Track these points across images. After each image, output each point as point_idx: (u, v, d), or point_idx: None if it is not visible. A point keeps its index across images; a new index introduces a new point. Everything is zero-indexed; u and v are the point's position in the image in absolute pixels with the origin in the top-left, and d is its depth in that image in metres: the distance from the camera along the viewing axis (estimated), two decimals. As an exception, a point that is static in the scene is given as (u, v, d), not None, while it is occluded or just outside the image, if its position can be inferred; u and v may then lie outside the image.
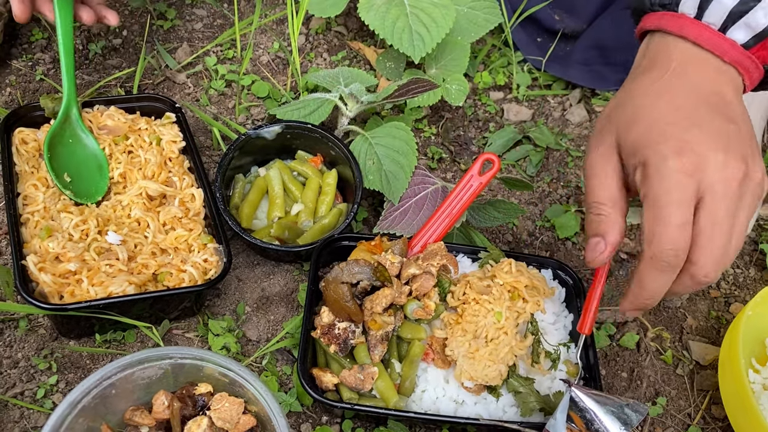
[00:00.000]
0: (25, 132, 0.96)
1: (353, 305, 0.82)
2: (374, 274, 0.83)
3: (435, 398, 0.83)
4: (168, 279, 0.86)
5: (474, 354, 0.81)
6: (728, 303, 1.03)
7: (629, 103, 0.71)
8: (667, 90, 0.70)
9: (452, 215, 0.92)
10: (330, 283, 0.83)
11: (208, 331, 0.91)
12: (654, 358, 0.96)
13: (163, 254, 0.90)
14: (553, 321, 0.89)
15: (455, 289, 0.87)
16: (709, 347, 0.98)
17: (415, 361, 0.84)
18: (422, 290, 0.86)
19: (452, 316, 0.85)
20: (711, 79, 0.70)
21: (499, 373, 0.82)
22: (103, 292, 0.82)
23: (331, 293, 0.83)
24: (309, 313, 0.85)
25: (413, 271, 0.86)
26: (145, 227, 0.91)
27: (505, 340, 0.82)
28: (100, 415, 0.74)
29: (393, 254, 0.87)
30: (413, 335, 0.85)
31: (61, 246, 0.85)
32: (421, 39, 1.08)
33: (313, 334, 0.84)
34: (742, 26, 0.69)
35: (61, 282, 0.83)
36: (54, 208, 0.90)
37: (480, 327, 0.83)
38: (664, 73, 0.71)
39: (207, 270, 0.88)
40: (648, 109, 0.69)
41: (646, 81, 0.72)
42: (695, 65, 0.71)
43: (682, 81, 0.70)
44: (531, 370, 0.85)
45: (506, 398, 0.83)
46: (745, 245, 1.09)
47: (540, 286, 0.88)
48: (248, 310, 0.95)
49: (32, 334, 0.89)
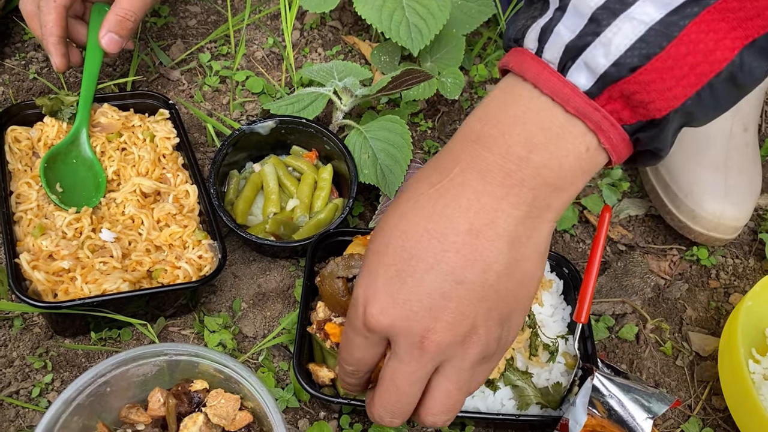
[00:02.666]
0: (18, 130, 0.95)
1: (348, 300, 0.82)
2: None
3: None
4: (163, 276, 0.86)
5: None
6: (728, 293, 1.03)
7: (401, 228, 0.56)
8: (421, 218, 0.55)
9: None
10: (325, 278, 0.83)
11: (204, 328, 0.90)
12: (653, 350, 0.96)
13: (158, 251, 0.89)
14: (551, 313, 0.89)
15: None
16: (709, 338, 0.98)
17: None
18: None
19: None
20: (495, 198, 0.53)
21: (496, 367, 0.80)
22: (97, 290, 0.82)
23: (327, 288, 0.82)
24: (305, 309, 0.84)
25: None
26: (139, 224, 0.91)
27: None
28: (96, 413, 0.74)
29: None
30: None
31: (54, 244, 0.84)
32: (419, 31, 1.07)
33: (309, 330, 0.83)
34: (582, 66, 0.51)
35: (54, 280, 0.82)
36: (47, 207, 0.89)
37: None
38: (441, 179, 0.55)
39: (202, 266, 0.88)
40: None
41: (420, 189, 0.56)
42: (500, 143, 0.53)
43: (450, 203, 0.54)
44: (529, 363, 0.84)
45: (504, 391, 0.82)
46: (744, 235, 1.08)
47: (542, 279, 0.87)
48: (244, 306, 0.94)
49: (27, 332, 0.88)
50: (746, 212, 1.00)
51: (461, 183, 0.54)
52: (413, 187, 0.58)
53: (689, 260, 1.05)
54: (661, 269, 1.04)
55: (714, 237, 1.01)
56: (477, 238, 0.53)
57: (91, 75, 0.97)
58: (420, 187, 0.57)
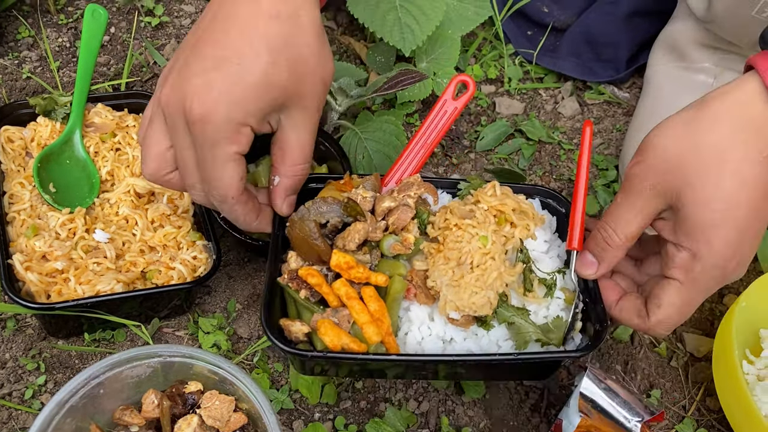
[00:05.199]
0: (11, 130, 0.95)
1: (322, 243, 0.74)
2: (345, 210, 0.76)
3: (420, 339, 0.75)
4: (157, 277, 0.86)
5: (458, 281, 0.73)
6: (722, 295, 1.03)
7: (693, 151, 0.67)
8: (737, 157, 0.65)
9: (427, 145, 0.86)
10: (295, 222, 0.75)
11: (199, 329, 0.90)
12: (648, 351, 0.96)
13: (152, 252, 0.89)
14: (545, 249, 0.81)
15: (435, 219, 0.78)
16: (703, 339, 0.98)
17: (396, 299, 0.75)
18: (399, 224, 0.77)
19: (433, 245, 0.77)
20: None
21: (487, 300, 0.73)
22: (90, 291, 0.81)
23: (297, 232, 0.74)
24: (275, 259, 0.76)
25: (388, 204, 0.78)
26: (133, 225, 0.90)
27: (492, 265, 0.74)
28: (89, 414, 0.73)
29: (365, 189, 0.80)
30: (392, 272, 0.76)
31: (47, 245, 0.84)
32: (411, 32, 1.07)
33: (279, 280, 0.75)
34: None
35: (48, 281, 0.82)
36: (41, 207, 0.89)
37: (464, 253, 0.74)
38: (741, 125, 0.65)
39: (196, 267, 0.87)
40: (712, 179, 0.66)
41: (722, 130, 0.66)
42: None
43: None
44: (525, 299, 0.77)
45: (499, 331, 0.75)
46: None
47: (529, 211, 0.80)
48: (239, 307, 0.94)
49: (20, 334, 0.88)
50: None
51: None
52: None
53: (684, 261, 1.05)
54: (656, 270, 1.04)
55: None
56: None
57: (85, 75, 0.97)
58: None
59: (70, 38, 1.19)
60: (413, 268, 0.77)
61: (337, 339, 0.70)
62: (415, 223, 0.78)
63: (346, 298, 0.73)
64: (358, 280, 0.74)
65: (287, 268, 0.76)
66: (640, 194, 0.70)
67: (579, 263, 0.76)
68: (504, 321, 0.75)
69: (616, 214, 0.73)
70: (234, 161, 0.69)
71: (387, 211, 0.78)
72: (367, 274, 0.74)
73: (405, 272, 0.76)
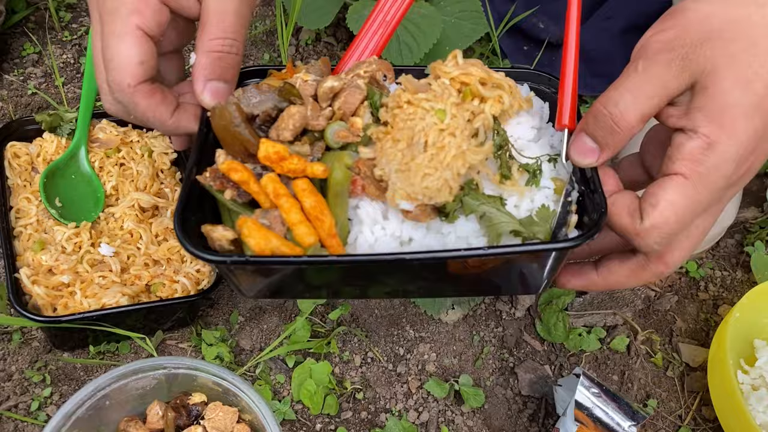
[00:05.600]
0: (17, 146, 0.97)
1: (247, 130, 0.60)
2: (280, 95, 0.63)
3: (373, 241, 0.60)
4: (161, 290, 0.87)
5: (408, 164, 0.59)
6: (716, 305, 1.05)
7: (741, 21, 0.55)
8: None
9: (386, 23, 0.71)
10: (216, 110, 0.61)
11: (202, 341, 0.91)
12: (644, 361, 0.98)
13: (156, 265, 0.91)
14: (533, 136, 0.65)
15: (389, 100, 0.63)
16: (699, 349, 0.99)
17: (339, 194, 0.61)
18: (347, 108, 0.64)
19: (382, 129, 0.62)
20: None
21: (444, 182, 0.58)
22: (96, 304, 0.83)
23: (218, 121, 0.61)
24: (198, 158, 0.62)
25: (331, 84, 0.64)
26: (137, 238, 0.92)
27: (452, 142, 0.59)
28: (95, 426, 0.75)
29: (306, 73, 0.67)
30: (334, 163, 0.62)
31: (54, 258, 0.85)
32: (409, 49, 1.09)
33: (199, 178, 0.60)
34: None
35: (54, 294, 0.83)
36: (47, 222, 0.90)
37: (417, 132, 0.59)
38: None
39: (200, 280, 0.89)
40: (761, 57, 0.54)
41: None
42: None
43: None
44: (501, 188, 0.61)
45: (468, 226, 0.60)
46: (731, 247, 1.10)
47: (504, 83, 0.63)
48: (241, 319, 0.95)
49: (26, 346, 0.89)
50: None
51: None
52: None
53: (678, 272, 1.07)
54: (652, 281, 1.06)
55: None
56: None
57: (90, 91, 0.98)
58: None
59: (75, 55, 1.21)
60: (360, 157, 0.62)
61: (264, 242, 0.56)
62: (366, 107, 0.64)
63: (274, 196, 0.59)
64: (293, 174, 0.60)
65: (214, 167, 0.62)
66: (668, 66, 0.56)
67: (575, 149, 0.60)
68: (472, 212, 0.59)
69: (631, 87, 0.57)
70: (132, 35, 0.58)
71: (332, 95, 0.65)
72: (303, 166, 0.60)
73: (351, 162, 0.62)
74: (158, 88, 0.62)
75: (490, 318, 1.00)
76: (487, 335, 0.98)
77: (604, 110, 0.57)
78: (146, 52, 0.59)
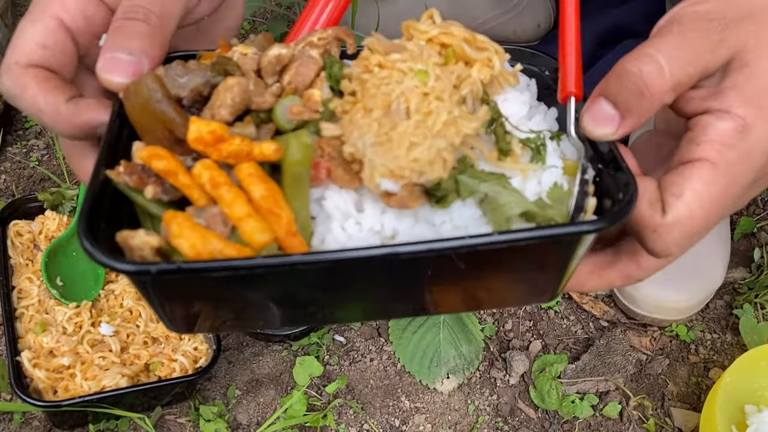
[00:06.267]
0: (20, 224, 0.99)
1: (172, 107, 0.46)
2: (213, 70, 0.49)
3: (345, 240, 0.46)
4: (159, 369, 0.89)
5: (389, 134, 0.45)
6: (707, 368, 1.06)
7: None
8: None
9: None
10: (130, 89, 0.47)
11: (200, 417, 0.93)
12: (637, 427, 0.99)
13: (155, 343, 0.92)
14: (525, 112, 0.53)
15: (351, 71, 0.49)
16: (691, 414, 1.00)
17: (298, 179, 0.46)
18: (300, 82, 0.50)
19: (347, 100, 0.48)
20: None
21: (437, 153, 0.45)
22: (96, 386, 0.85)
23: (134, 100, 0.47)
24: (107, 150, 0.46)
25: (278, 52, 0.50)
26: (137, 316, 0.94)
27: (440, 106, 0.47)
28: None
29: (246, 46, 0.52)
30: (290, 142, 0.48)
31: (55, 340, 0.87)
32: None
33: (110, 174, 0.44)
34: None
35: (54, 377, 0.85)
36: (48, 302, 0.92)
37: (395, 98, 0.46)
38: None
39: (197, 358, 0.91)
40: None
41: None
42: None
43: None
44: (500, 165, 0.49)
45: (466, 211, 0.47)
46: (720, 309, 1.12)
47: (490, 46, 0.51)
48: (238, 393, 0.97)
49: (26, 426, 0.90)
50: (690, 293, 1.02)
51: None
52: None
53: (669, 335, 1.09)
54: (642, 345, 1.07)
55: (659, 319, 1.03)
56: None
57: None
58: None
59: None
60: (322, 136, 0.48)
61: (201, 243, 0.41)
62: (323, 80, 0.50)
63: (212, 186, 0.43)
64: (235, 160, 0.45)
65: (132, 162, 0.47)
66: (706, 35, 0.47)
67: (589, 116, 0.48)
68: (471, 193, 0.47)
69: (667, 47, 0.47)
70: (46, 22, 0.49)
71: (280, 67, 0.51)
72: (248, 148, 0.45)
73: (309, 141, 0.47)
74: (58, 78, 0.50)
75: (484, 386, 1.01)
76: (482, 404, 0.99)
77: (634, 68, 0.47)
78: (55, 40, 0.49)
